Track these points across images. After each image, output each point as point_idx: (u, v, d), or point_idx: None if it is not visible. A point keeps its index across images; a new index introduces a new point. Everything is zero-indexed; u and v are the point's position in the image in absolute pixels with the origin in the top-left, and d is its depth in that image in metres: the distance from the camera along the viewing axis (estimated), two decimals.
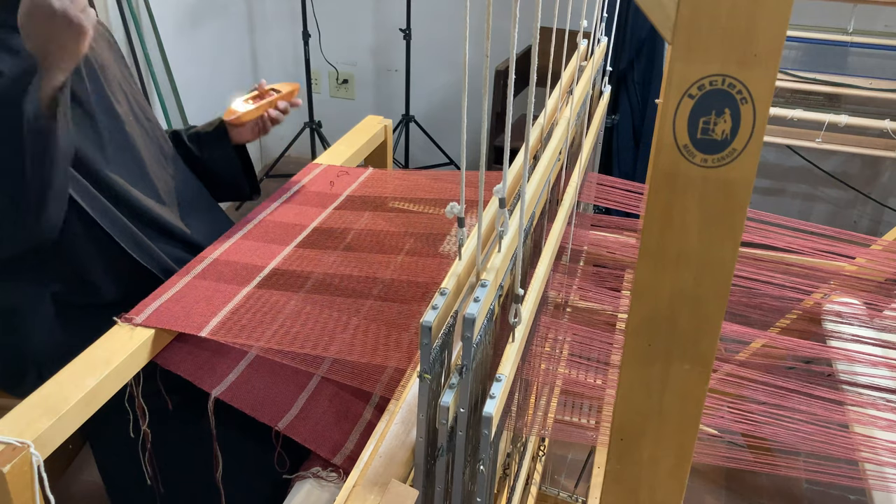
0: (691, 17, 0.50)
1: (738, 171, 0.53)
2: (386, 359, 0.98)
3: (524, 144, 0.79)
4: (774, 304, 1.42)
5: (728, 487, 1.86)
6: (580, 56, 1.25)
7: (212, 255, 1.20)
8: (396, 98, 3.28)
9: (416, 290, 1.12)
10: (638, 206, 1.53)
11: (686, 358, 0.61)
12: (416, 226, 1.30)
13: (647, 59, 2.56)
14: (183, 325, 1.02)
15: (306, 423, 1.05)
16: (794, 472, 1.27)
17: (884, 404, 1.22)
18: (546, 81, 1.04)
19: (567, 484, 1.82)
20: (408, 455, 0.75)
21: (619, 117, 2.63)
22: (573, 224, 1.30)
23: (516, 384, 0.91)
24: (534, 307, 0.85)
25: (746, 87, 0.51)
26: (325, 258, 1.20)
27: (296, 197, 1.42)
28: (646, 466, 0.67)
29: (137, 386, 1.02)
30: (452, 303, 0.68)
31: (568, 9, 0.99)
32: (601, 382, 1.17)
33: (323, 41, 3.21)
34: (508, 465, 1.09)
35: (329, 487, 1.02)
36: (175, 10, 2.69)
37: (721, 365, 1.20)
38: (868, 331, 1.45)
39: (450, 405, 0.65)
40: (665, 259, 0.58)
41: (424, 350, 0.64)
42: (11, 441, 0.81)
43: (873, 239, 1.58)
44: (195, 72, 2.83)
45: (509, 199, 0.83)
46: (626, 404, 0.65)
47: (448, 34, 3.11)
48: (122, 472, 1.16)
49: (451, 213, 0.67)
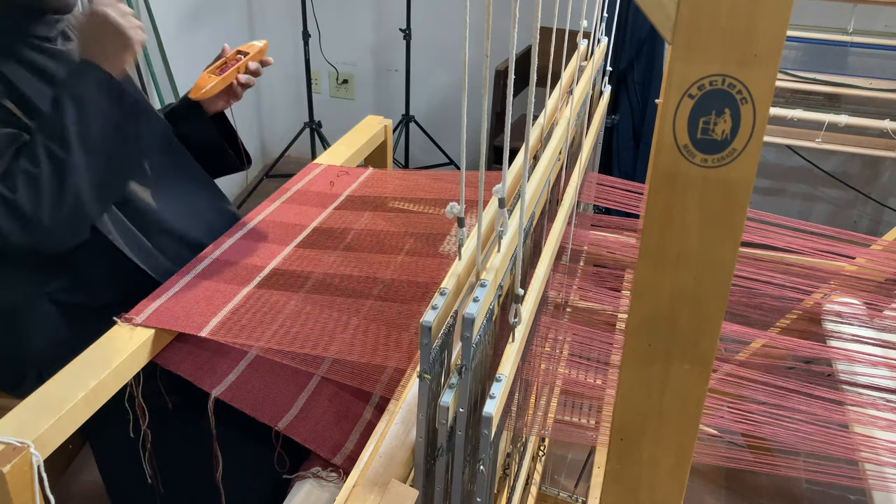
0: (691, 17, 0.50)
1: (738, 171, 0.53)
2: (386, 359, 0.98)
3: (524, 144, 0.79)
4: (774, 304, 1.42)
5: (728, 487, 1.86)
6: (580, 56, 1.25)
7: (212, 255, 1.20)
8: (396, 98, 3.28)
9: (416, 290, 1.12)
10: (638, 206, 1.53)
11: (686, 358, 0.61)
12: (416, 226, 1.30)
13: (647, 59, 2.56)
14: (183, 325, 1.02)
15: (306, 423, 1.05)
16: (794, 472, 1.27)
17: (884, 404, 1.22)
18: (546, 81, 1.04)
19: (567, 484, 1.82)
20: (408, 455, 0.75)
21: (619, 117, 2.63)
22: (573, 224, 1.30)
23: (516, 384, 0.91)
24: (534, 307, 0.85)
25: (746, 87, 0.51)
26: (325, 258, 1.20)
27: (296, 197, 1.42)
28: (646, 466, 0.67)
29: (137, 386, 1.02)
30: (452, 303, 0.68)
31: (568, 9, 0.99)
32: (601, 382, 1.17)
33: (323, 41, 3.21)
34: (508, 465, 1.09)
35: (329, 487, 1.02)
36: (175, 10, 2.69)
37: (721, 365, 1.20)
38: (868, 331, 1.45)
39: (449, 405, 0.65)
40: (665, 259, 0.58)
41: (424, 350, 0.64)
42: (11, 441, 0.81)
43: (873, 239, 1.58)
44: (195, 72, 2.82)
45: (509, 199, 0.83)
46: (626, 404, 0.65)
47: (448, 34, 3.11)
48: (123, 472, 1.16)
49: (451, 213, 0.67)
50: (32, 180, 0.99)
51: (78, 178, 1.01)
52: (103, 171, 1.04)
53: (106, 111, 1.03)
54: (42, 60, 1.10)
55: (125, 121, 1.06)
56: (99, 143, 1.03)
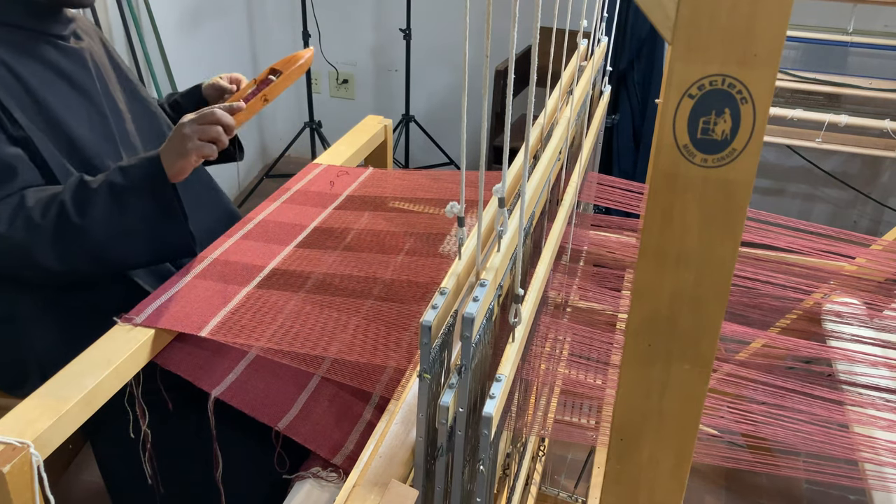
0: (691, 17, 0.50)
1: (738, 171, 0.53)
2: (386, 359, 0.98)
3: (524, 144, 0.79)
4: (774, 304, 1.42)
5: (728, 487, 1.86)
6: (580, 56, 1.25)
7: (212, 255, 1.20)
8: (396, 98, 3.28)
9: (416, 290, 1.12)
10: (638, 206, 1.53)
11: (686, 358, 0.61)
12: (416, 226, 1.30)
13: (647, 59, 2.56)
14: (183, 325, 1.02)
15: (306, 423, 1.05)
16: (794, 472, 1.27)
17: (884, 404, 1.22)
18: (546, 81, 1.04)
19: (567, 484, 1.82)
20: (408, 455, 0.75)
21: (619, 117, 2.63)
22: (573, 224, 1.30)
23: (516, 384, 0.91)
24: (534, 307, 0.85)
25: (746, 87, 0.51)
26: (325, 258, 1.20)
27: (296, 197, 1.42)
28: (646, 466, 0.67)
29: (137, 386, 1.02)
30: (452, 302, 0.68)
31: (568, 9, 0.99)
32: (601, 382, 1.17)
33: (323, 41, 3.21)
34: (508, 465, 1.09)
35: (329, 487, 1.02)
36: (175, 10, 2.69)
37: (721, 365, 1.20)
38: (868, 331, 1.45)
39: (449, 405, 0.65)
40: (665, 259, 0.58)
41: (424, 350, 0.64)
42: (11, 441, 0.81)
43: (873, 239, 1.58)
44: (195, 72, 2.82)
45: (509, 199, 0.83)
46: (626, 404, 0.65)
47: (448, 34, 3.11)
48: (123, 472, 1.16)
49: (451, 213, 0.67)
50: (34, 228, 1.01)
51: (79, 245, 1.03)
52: (109, 251, 1.05)
53: (144, 208, 1.04)
54: (55, 57, 1.11)
55: (157, 223, 1.05)
56: (118, 227, 1.03)
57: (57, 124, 1.10)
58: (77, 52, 1.16)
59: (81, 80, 1.15)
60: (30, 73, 1.08)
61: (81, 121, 1.13)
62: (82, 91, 1.15)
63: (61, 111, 1.10)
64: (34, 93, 1.08)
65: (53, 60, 1.12)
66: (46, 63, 1.11)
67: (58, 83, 1.11)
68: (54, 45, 1.13)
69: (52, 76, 1.11)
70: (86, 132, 1.13)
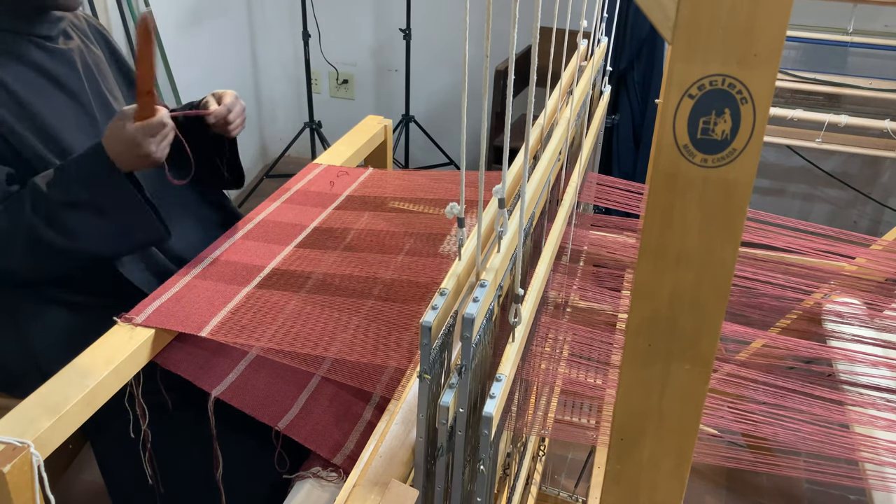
0: (691, 17, 0.50)
1: (738, 171, 0.53)
2: (386, 359, 0.98)
3: (524, 144, 0.79)
4: (774, 304, 1.42)
5: (728, 487, 1.86)
6: (580, 56, 1.25)
7: (212, 255, 1.20)
8: (396, 98, 3.28)
9: (416, 290, 1.12)
10: (638, 206, 1.53)
11: (686, 358, 0.61)
12: (416, 226, 1.30)
13: (647, 59, 2.56)
14: (183, 325, 1.02)
15: (306, 423, 1.05)
16: (794, 472, 1.27)
17: (884, 404, 1.22)
18: (546, 81, 1.04)
19: (567, 484, 1.82)
20: (408, 455, 0.75)
21: (619, 117, 2.63)
22: (573, 224, 1.30)
23: (516, 384, 0.91)
24: (534, 307, 0.85)
25: (746, 87, 0.51)
26: (325, 258, 1.20)
27: (296, 197, 1.42)
28: (646, 466, 0.67)
29: (137, 386, 1.02)
30: (452, 303, 0.68)
31: (568, 9, 0.99)
32: (601, 382, 1.17)
33: (323, 41, 3.21)
34: (508, 465, 1.09)
35: (329, 487, 1.02)
36: (175, 11, 2.69)
37: (721, 365, 1.20)
38: (868, 331, 1.45)
39: (449, 405, 0.65)
40: (665, 259, 0.58)
41: (424, 350, 0.64)
42: (11, 441, 0.81)
43: (873, 239, 1.58)
44: (195, 72, 2.82)
45: (509, 200, 0.83)
46: (626, 404, 0.65)
47: (448, 34, 3.11)
48: (123, 472, 1.16)
49: (451, 214, 0.67)
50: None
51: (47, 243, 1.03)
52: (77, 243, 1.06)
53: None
54: (40, 58, 1.11)
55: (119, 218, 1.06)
56: (86, 225, 1.04)
57: (42, 124, 1.09)
58: (64, 52, 1.15)
59: (68, 80, 1.15)
60: (13, 76, 1.07)
61: (67, 120, 1.13)
62: (68, 92, 1.14)
63: (46, 112, 1.10)
64: (17, 94, 1.07)
65: (38, 61, 1.11)
66: (30, 65, 1.10)
67: (43, 84, 1.10)
68: (40, 46, 1.12)
69: (37, 77, 1.10)
70: (72, 132, 1.13)
